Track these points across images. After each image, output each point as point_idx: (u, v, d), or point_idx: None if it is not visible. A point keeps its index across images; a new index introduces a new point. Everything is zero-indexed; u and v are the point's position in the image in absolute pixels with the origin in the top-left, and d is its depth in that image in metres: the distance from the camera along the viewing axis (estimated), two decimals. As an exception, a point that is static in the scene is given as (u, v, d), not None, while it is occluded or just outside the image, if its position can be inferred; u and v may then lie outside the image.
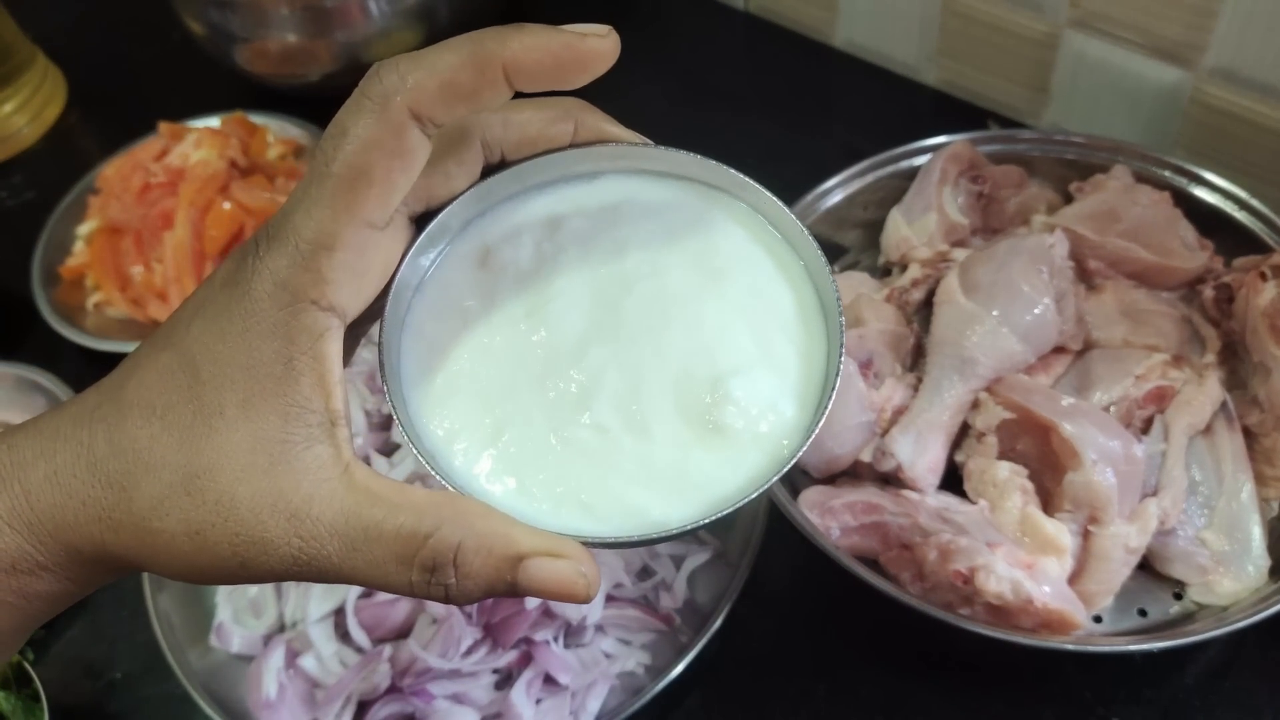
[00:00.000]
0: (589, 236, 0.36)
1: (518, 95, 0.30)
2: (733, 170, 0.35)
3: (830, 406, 0.32)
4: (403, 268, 0.33)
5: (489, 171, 0.34)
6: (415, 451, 0.31)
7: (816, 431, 0.31)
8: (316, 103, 0.94)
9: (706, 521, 0.30)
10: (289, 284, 0.29)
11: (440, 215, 0.34)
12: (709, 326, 0.34)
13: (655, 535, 0.30)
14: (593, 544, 0.30)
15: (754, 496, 0.31)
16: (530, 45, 0.29)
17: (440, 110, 0.29)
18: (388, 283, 0.32)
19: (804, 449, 0.31)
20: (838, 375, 0.32)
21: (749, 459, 0.32)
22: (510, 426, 0.33)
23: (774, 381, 0.33)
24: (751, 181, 0.35)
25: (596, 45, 0.30)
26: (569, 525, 0.31)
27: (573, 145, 0.35)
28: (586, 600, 0.30)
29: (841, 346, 0.33)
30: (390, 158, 0.29)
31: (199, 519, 0.29)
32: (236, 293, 0.30)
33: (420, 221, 0.34)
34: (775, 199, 0.35)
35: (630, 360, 0.33)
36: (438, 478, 0.31)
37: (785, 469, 0.31)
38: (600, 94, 0.34)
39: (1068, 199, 0.74)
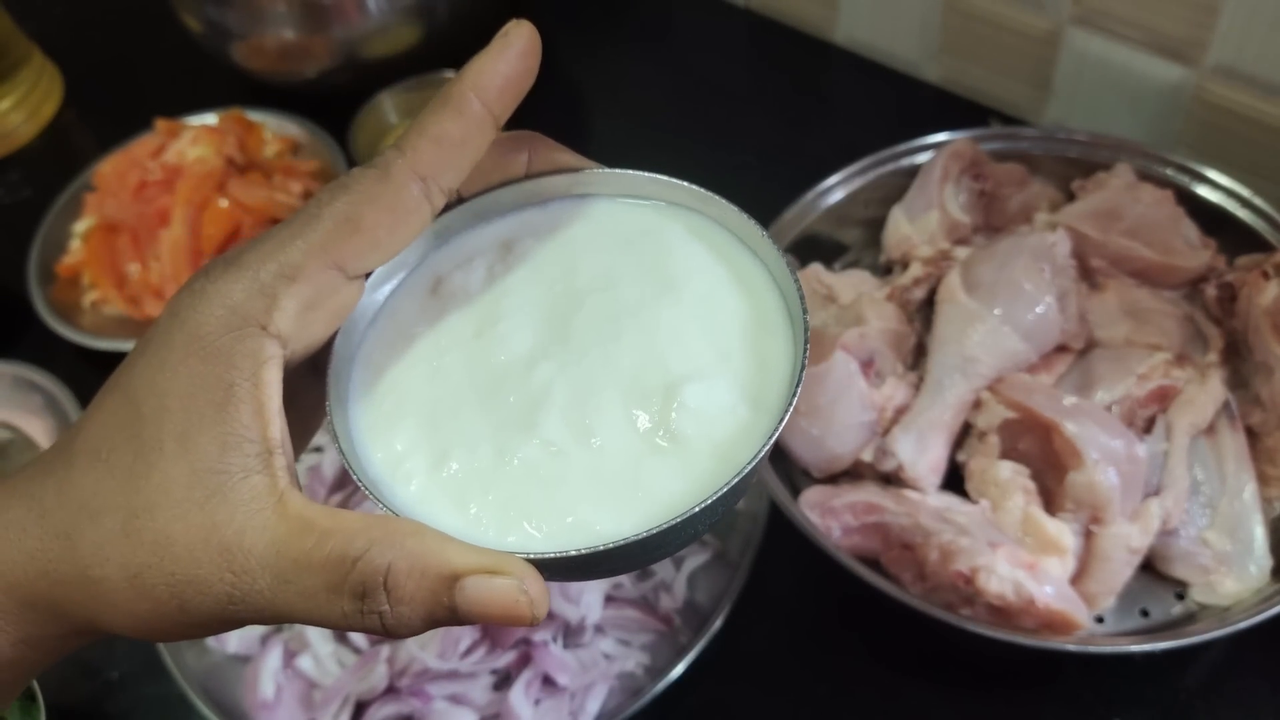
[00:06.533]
0: (541, 256, 0.35)
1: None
2: (691, 185, 0.35)
3: (791, 412, 0.30)
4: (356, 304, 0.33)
5: (446, 208, 0.34)
6: (356, 478, 0.30)
7: (775, 436, 0.30)
8: (314, 100, 0.93)
9: (652, 533, 0.29)
10: (240, 309, 0.29)
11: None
12: (662, 335, 0.33)
13: (600, 548, 0.29)
14: (535, 561, 0.29)
15: (707, 504, 0.29)
16: (481, 65, 0.30)
17: (441, 165, 0.30)
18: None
19: (762, 454, 0.30)
20: (799, 380, 0.31)
21: (704, 466, 0.31)
22: (456, 448, 0.32)
23: (730, 387, 0.32)
24: (711, 194, 0.35)
25: (518, 30, 0.31)
26: (513, 543, 0.30)
27: (528, 176, 0.35)
28: (532, 623, 0.28)
29: (805, 352, 0.32)
30: (382, 211, 0.30)
31: (137, 561, 0.28)
32: (180, 319, 0.29)
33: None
34: (736, 208, 0.35)
35: (580, 373, 0.32)
36: (379, 504, 0.30)
37: (742, 474, 0.29)
38: (600, 92, 0.34)
39: (1070, 197, 0.74)
